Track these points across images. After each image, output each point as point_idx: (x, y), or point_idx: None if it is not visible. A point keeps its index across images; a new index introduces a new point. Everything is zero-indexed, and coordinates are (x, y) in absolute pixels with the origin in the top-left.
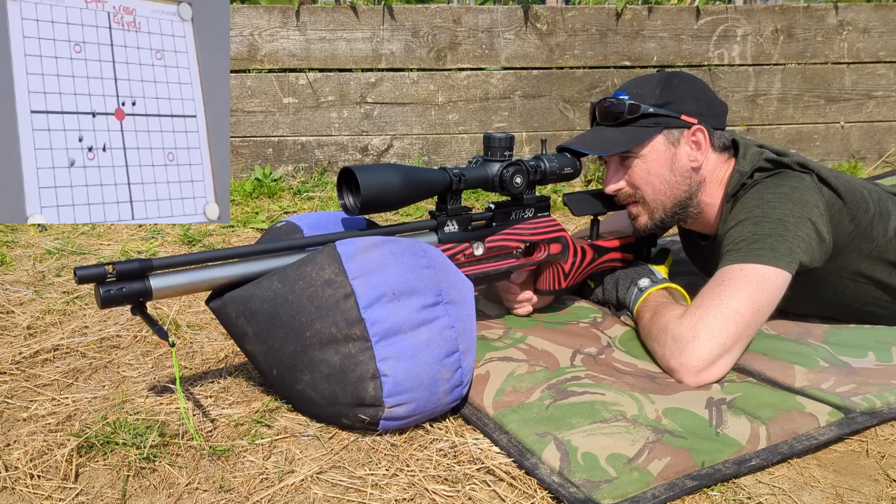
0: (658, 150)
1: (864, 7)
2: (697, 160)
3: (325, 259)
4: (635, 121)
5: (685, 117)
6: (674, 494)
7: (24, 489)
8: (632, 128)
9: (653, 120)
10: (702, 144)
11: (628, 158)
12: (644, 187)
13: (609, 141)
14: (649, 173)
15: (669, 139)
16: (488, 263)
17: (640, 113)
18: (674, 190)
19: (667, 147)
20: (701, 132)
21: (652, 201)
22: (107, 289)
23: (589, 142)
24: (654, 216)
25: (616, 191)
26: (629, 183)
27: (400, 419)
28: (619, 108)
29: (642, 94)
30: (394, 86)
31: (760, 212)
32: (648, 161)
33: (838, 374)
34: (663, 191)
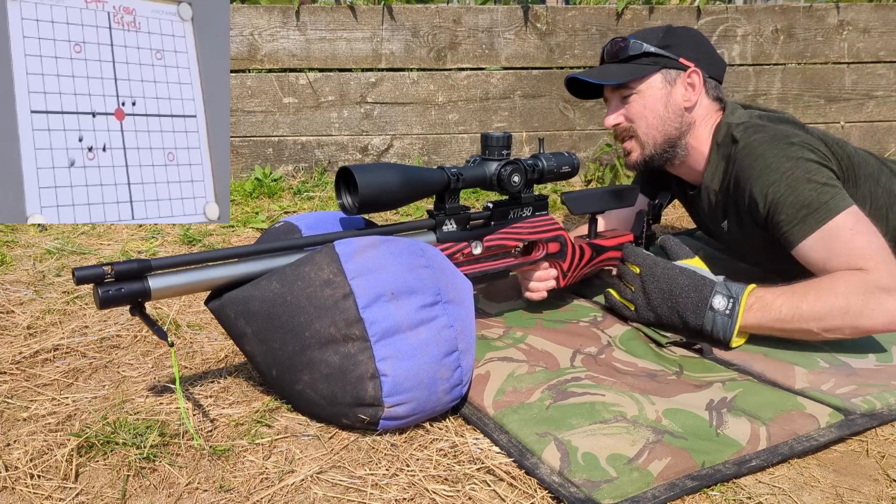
0: (655, 87)
1: (864, 7)
2: (690, 100)
3: (324, 259)
4: (637, 58)
5: (683, 60)
6: (674, 494)
7: (24, 489)
8: (633, 64)
9: (653, 59)
10: (696, 86)
11: (628, 94)
12: (639, 121)
13: (611, 73)
14: (645, 108)
15: (667, 78)
16: (487, 262)
17: (642, 52)
18: (666, 126)
19: (663, 85)
20: (696, 74)
21: (644, 135)
22: (105, 289)
23: (594, 73)
24: (644, 151)
25: (614, 124)
26: (626, 117)
27: (400, 419)
28: (623, 47)
29: (646, 36)
30: (394, 86)
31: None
32: (645, 97)
33: (838, 375)
34: (656, 125)
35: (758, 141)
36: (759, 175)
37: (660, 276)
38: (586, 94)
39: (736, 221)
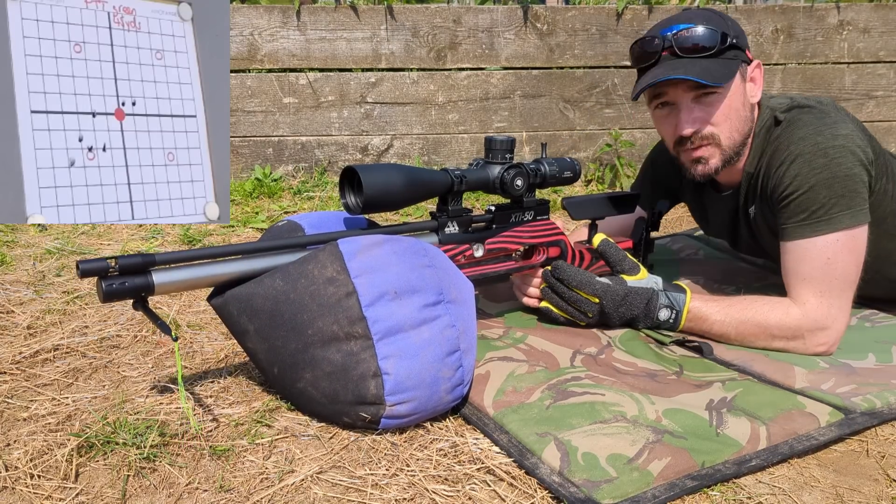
0: (737, 84)
1: (864, 7)
2: (756, 96)
3: (327, 257)
4: (724, 52)
5: (748, 52)
6: (674, 494)
7: (24, 489)
8: (722, 59)
9: (733, 53)
10: (758, 81)
11: (710, 95)
12: (723, 124)
13: (714, 71)
14: (730, 109)
15: (742, 74)
16: (488, 265)
17: (728, 44)
18: (744, 126)
19: (741, 82)
20: (759, 68)
21: (728, 139)
22: (109, 283)
23: (693, 70)
24: (724, 155)
25: (694, 132)
26: (711, 122)
27: (401, 417)
28: (709, 38)
29: (714, 22)
30: (394, 86)
31: (829, 173)
32: (730, 96)
33: (838, 375)
34: (738, 127)
35: (802, 122)
36: (790, 160)
37: (620, 303)
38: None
39: (760, 207)
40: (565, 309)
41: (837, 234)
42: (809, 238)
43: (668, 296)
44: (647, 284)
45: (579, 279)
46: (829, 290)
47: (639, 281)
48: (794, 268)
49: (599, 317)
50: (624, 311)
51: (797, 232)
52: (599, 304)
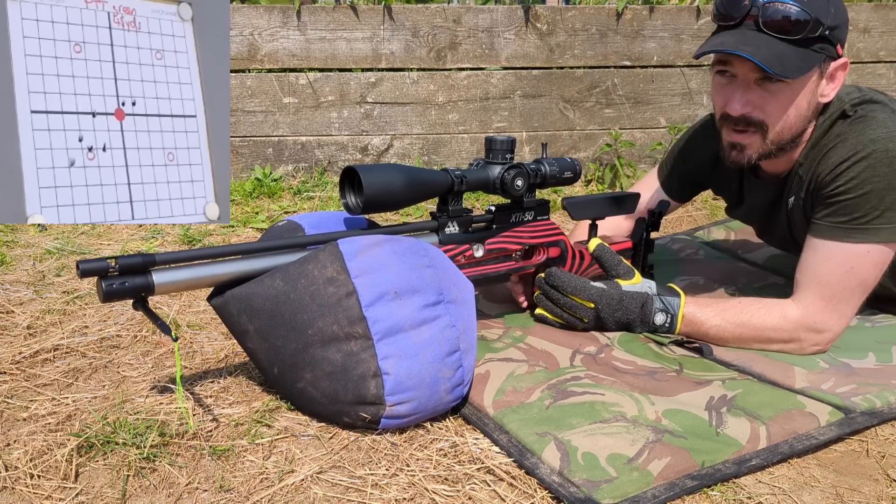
0: (811, 80)
1: (864, 7)
2: (829, 97)
3: (328, 257)
4: (812, 42)
5: (839, 48)
6: (674, 494)
7: (24, 489)
8: (806, 50)
9: (821, 45)
10: (837, 80)
11: (776, 83)
12: (778, 117)
13: (788, 60)
14: (791, 104)
15: (822, 70)
16: (488, 265)
17: (818, 33)
18: (800, 124)
19: (817, 78)
20: (844, 69)
21: (775, 134)
22: (109, 283)
23: (766, 54)
24: (763, 149)
25: (744, 114)
26: (764, 110)
27: (401, 417)
28: (802, 19)
29: (817, 5)
30: (394, 86)
31: (886, 182)
32: (796, 90)
33: (838, 375)
34: (791, 124)
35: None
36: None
37: (615, 307)
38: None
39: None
40: (560, 315)
41: (869, 246)
42: (840, 242)
43: (663, 300)
44: (641, 289)
45: (574, 285)
46: (838, 296)
47: (633, 285)
48: (813, 266)
49: (595, 321)
50: (620, 316)
51: (830, 232)
52: (595, 308)
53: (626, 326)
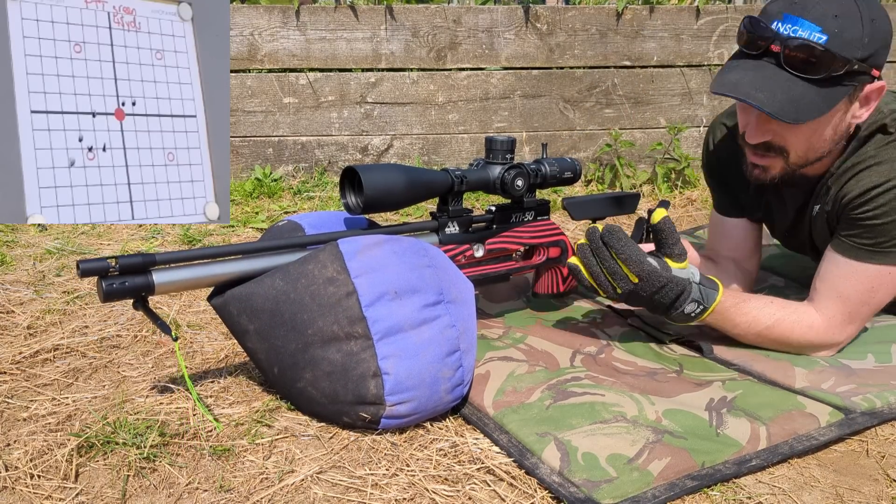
0: (835, 112)
1: None
2: (862, 117)
3: (328, 257)
4: (835, 81)
5: (875, 71)
6: (674, 494)
7: (24, 489)
8: (828, 89)
9: (850, 78)
10: (872, 102)
11: None
12: (800, 145)
13: (805, 104)
14: (813, 133)
15: (850, 97)
16: (488, 266)
17: (845, 71)
18: (827, 146)
19: (845, 104)
20: (880, 92)
21: (799, 158)
22: (109, 283)
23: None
24: (787, 170)
25: (760, 142)
26: (782, 136)
27: (401, 417)
28: (823, 60)
29: (848, 38)
30: (394, 86)
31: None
32: (820, 122)
33: (838, 375)
34: (816, 148)
35: None
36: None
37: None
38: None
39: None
40: (597, 276)
41: (891, 268)
42: (863, 262)
43: (702, 291)
44: (685, 275)
45: (628, 253)
46: (858, 313)
47: (681, 270)
48: (834, 282)
49: (627, 296)
50: (657, 300)
51: (854, 252)
52: (637, 284)
53: (655, 309)
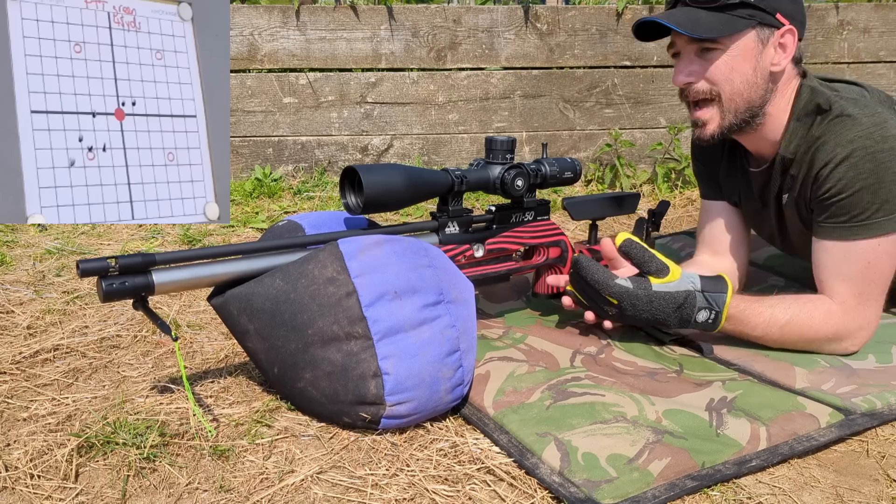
0: (747, 45)
1: (864, 7)
2: (780, 65)
3: (328, 257)
4: (733, 8)
5: (780, 16)
6: (674, 494)
7: (24, 489)
8: (728, 15)
9: (750, 11)
10: (788, 48)
11: (712, 50)
12: (723, 84)
13: (703, 23)
14: (732, 70)
15: (760, 36)
16: (488, 266)
17: (741, 0)
18: (751, 92)
19: (756, 44)
20: (791, 34)
21: (728, 101)
22: (109, 282)
23: (681, 19)
24: (724, 121)
25: (687, 84)
26: (706, 78)
27: (401, 417)
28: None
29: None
30: (394, 86)
31: (875, 178)
32: (734, 56)
33: (839, 376)
34: (741, 91)
35: (852, 121)
36: (836, 161)
37: (641, 308)
38: (651, 35)
39: (794, 198)
40: (587, 304)
41: (879, 239)
42: (850, 241)
43: (707, 297)
44: (680, 287)
45: (596, 279)
46: (867, 292)
47: (668, 284)
48: (834, 266)
49: (621, 318)
50: (647, 316)
51: (837, 233)
52: (618, 306)
53: (660, 324)
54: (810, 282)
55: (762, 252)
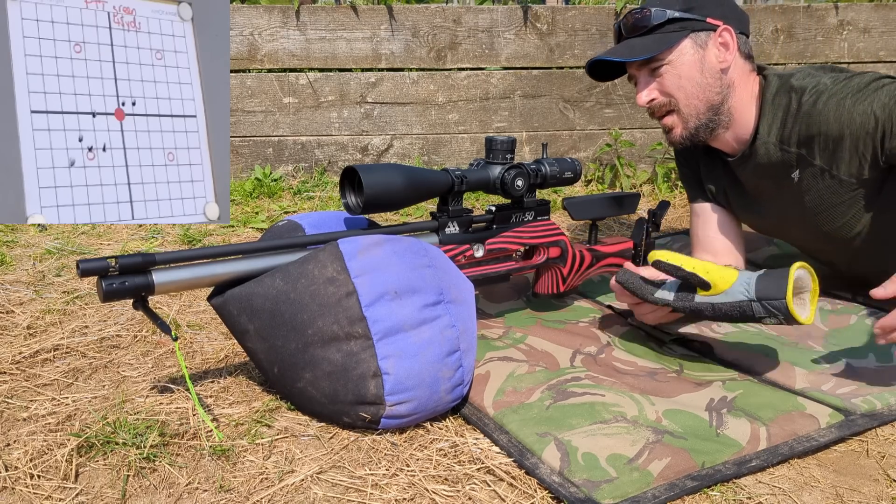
0: (687, 53)
1: (864, 7)
2: (726, 60)
3: (328, 257)
4: (661, 27)
5: (711, 20)
6: (674, 494)
7: (24, 489)
8: (658, 34)
9: (679, 24)
10: (729, 45)
11: (658, 67)
12: (676, 93)
13: (638, 47)
14: (680, 78)
15: (697, 42)
16: (488, 266)
17: (666, 19)
18: (706, 93)
19: (695, 50)
20: (728, 32)
21: (686, 107)
22: (109, 282)
23: (619, 50)
24: (688, 125)
25: (649, 101)
26: (661, 91)
27: (401, 417)
28: (643, 17)
29: (666, 2)
30: (394, 86)
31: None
32: (678, 66)
33: (839, 377)
34: (696, 94)
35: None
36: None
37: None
38: (608, 76)
39: (812, 171)
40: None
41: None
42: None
43: (765, 305)
44: (728, 299)
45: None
46: None
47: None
48: None
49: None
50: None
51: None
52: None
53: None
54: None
55: (762, 252)
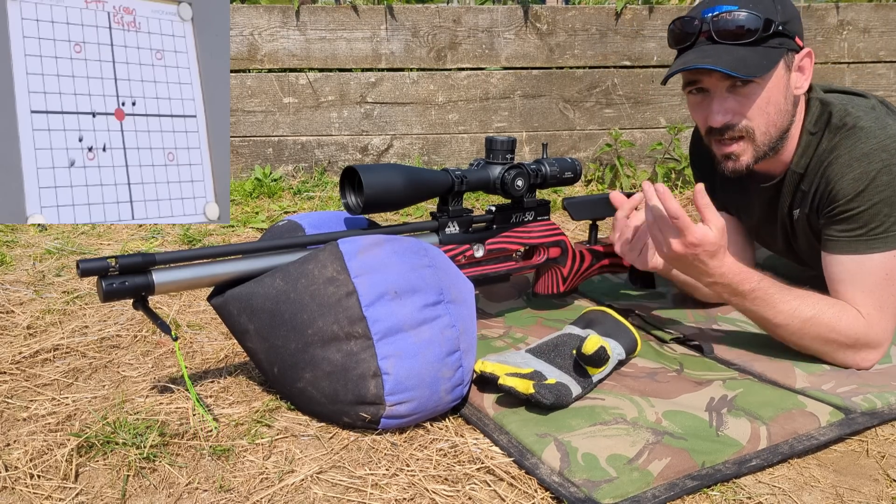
0: (779, 75)
1: (864, 7)
2: (803, 88)
3: (328, 257)
4: (766, 40)
5: (797, 40)
6: (674, 494)
7: (24, 489)
8: (763, 48)
9: (778, 41)
10: (806, 70)
11: (745, 85)
12: (758, 118)
13: (749, 62)
14: (768, 102)
15: (787, 63)
16: (488, 266)
17: (772, 31)
18: (784, 120)
19: (785, 72)
20: (809, 57)
21: (763, 134)
22: (109, 282)
23: (726, 60)
24: (758, 152)
25: (725, 123)
26: (742, 114)
27: (401, 417)
28: (751, 24)
29: (762, 7)
30: (394, 86)
31: (892, 190)
32: (769, 88)
33: (839, 376)
34: (776, 122)
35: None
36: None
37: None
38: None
39: (806, 213)
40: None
41: (893, 252)
42: (866, 254)
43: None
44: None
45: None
46: (886, 306)
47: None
48: (851, 279)
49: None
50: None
51: (852, 246)
52: None
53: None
54: (810, 282)
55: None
